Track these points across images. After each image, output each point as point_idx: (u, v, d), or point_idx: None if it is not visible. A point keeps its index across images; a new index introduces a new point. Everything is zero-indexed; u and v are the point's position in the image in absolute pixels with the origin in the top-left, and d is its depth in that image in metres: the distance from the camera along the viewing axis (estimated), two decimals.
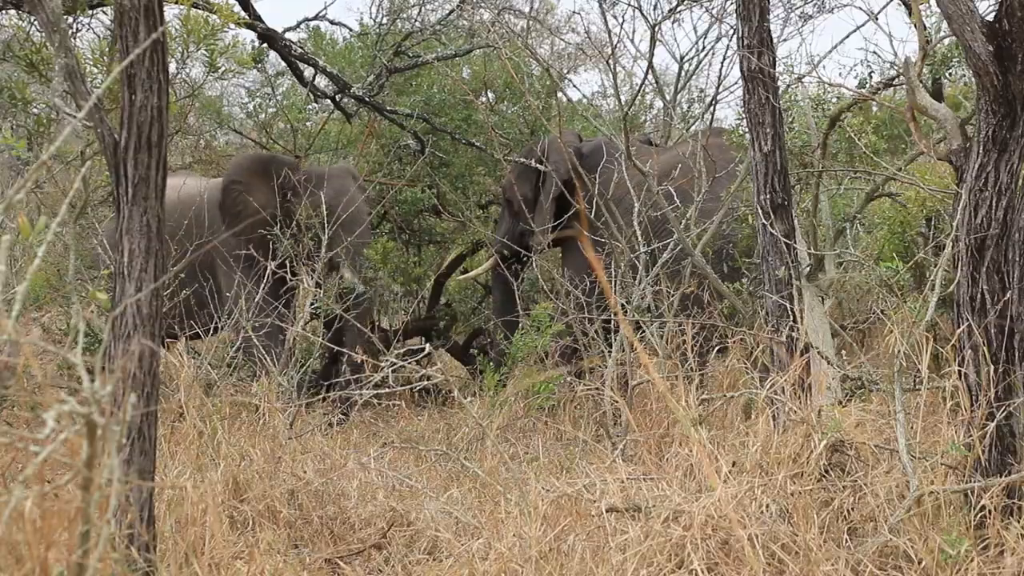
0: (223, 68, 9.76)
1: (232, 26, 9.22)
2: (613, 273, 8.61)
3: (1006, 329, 4.80)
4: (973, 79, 4.86)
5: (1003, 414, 4.74)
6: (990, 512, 4.59)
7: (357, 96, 11.06)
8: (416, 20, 13.14)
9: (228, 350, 8.54)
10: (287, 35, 11.05)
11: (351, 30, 13.11)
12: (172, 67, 9.09)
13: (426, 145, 11.29)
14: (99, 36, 10.09)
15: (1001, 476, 4.73)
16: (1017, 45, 4.61)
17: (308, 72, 11.62)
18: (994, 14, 4.68)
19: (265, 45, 10.90)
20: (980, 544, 4.52)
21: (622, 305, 8.13)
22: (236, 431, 6.74)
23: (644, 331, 7.89)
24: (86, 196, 8.26)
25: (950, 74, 7.94)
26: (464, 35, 13.30)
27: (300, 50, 11.04)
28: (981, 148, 4.74)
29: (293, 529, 5.85)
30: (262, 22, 10.17)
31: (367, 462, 6.83)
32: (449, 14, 13.09)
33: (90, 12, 9.30)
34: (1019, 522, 4.60)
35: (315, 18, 12.11)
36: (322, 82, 11.76)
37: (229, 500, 5.85)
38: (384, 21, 13.28)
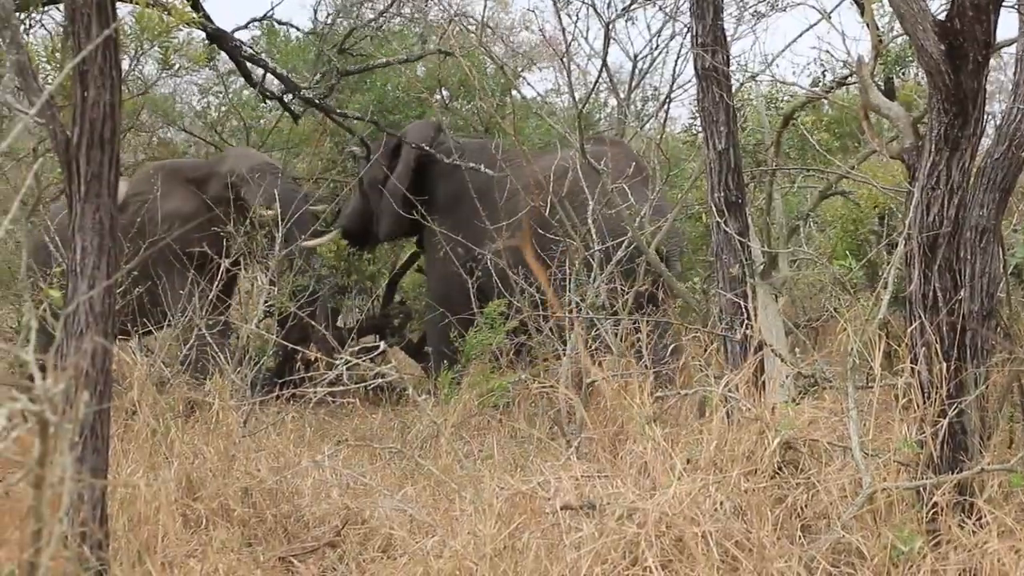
0: (176, 65, 9.71)
1: (184, 25, 9.18)
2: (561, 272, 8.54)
3: (958, 327, 4.83)
4: (925, 78, 4.89)
5: (955, 411, 4.77)
6: (942, 509, 4.62)
7: (306, 98, 10.99)
8: (371, 22, 13.12)
9: (180, 348, 8.50)
10: (237, 34, 10.97)
11: (299, 29, 13.07)
12: (125, 64, 9.03)
13: (372, 151, 11.16)
14: (51, 33, 10.03)
15: (953, 473, 4.77)
16: (968, 44, 4.64)
17: (258, 72, 11.54)
18: (946, 13, 4.72)
19: (214, 45, 10.82)
20: (932, 541, 4.55)
21: (577, 303, 8.10)
22: (189, 429, 6.70)
23: (599, 328, 7.89)
24: (38, 193, 8.21)
25: (903, 73, 7.99)
26: (417, 38, 13.30)
27: (250, 50, 10.95)
28: (933, 147, 4.77)
29: (247, 527, 5.83)
30: (212, 22, 10.10)
31: (321, 460, 6.80)
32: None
33: (42, 9, 9.23)
34: (970, 519, 4.63)
35: (263, 18, 12.05)
36: (273, 82, 11.70)
37: (182, 498, 5.82)
38: (334, 19, 13.26)
